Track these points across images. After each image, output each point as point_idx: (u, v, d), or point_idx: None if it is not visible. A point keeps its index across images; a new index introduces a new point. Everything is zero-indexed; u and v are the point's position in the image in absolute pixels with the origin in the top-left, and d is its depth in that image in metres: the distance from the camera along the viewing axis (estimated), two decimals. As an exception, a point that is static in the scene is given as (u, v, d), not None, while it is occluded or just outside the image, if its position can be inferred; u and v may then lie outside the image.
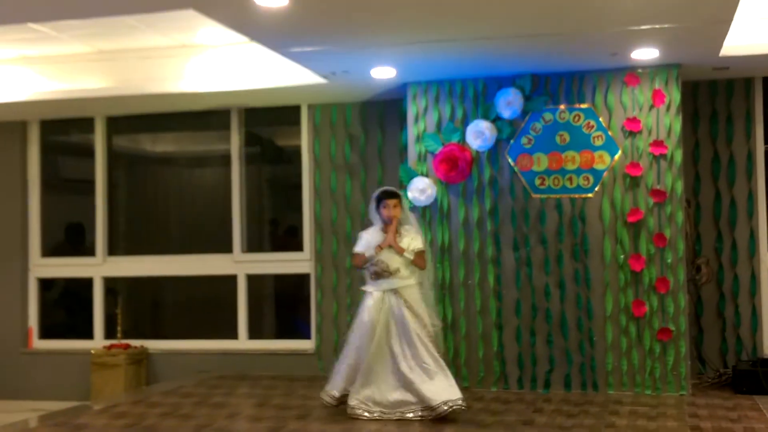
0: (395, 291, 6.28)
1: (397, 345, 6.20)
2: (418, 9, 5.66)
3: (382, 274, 6.30)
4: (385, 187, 6.72)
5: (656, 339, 7.13)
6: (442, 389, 6.10)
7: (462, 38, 6.33)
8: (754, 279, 7.64)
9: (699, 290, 7.72)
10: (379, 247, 6.28)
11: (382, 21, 5.93)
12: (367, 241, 6.42)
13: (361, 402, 6.21)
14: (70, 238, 9.48)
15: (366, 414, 6.18)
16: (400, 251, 6.29)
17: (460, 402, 6.07)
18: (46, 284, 9.40)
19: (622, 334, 7.21)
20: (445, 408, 6.04)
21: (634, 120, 7.22)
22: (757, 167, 7.71)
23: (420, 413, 6.10)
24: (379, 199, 6.44)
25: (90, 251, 9.25)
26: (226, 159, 8.93)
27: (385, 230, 6.38)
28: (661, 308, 7.14)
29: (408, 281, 6.33)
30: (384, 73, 7.30)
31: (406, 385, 6.14)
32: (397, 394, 6.16)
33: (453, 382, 6.19)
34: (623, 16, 5.90)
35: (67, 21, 6.71)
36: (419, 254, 6.36)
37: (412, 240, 6.37)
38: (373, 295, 6.33)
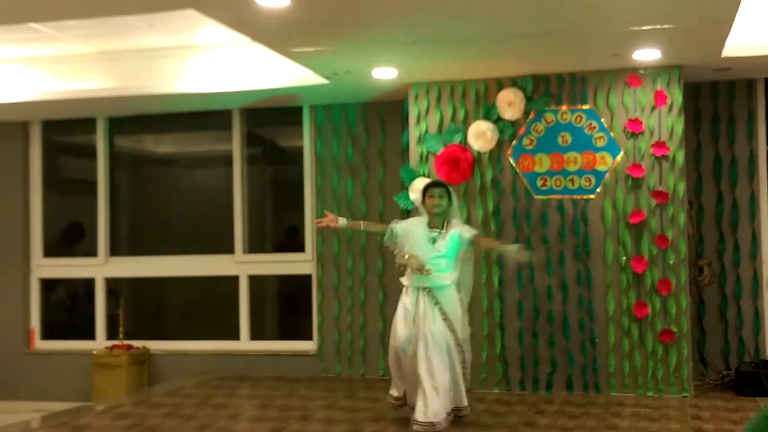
0: (429, 290, 6.02)
1: (422, 346, 5.93)
2: (419, 8, 5.65)
3: (419, 270, 5.97)
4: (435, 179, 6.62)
5: (658, 341, 7.12)
6: (421, 407, 5.85)
7: (463, 38, 6.32)
8: (757, 280, 7.62)
9: (701, 292, 7.71)
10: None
11: (383, 20, 5.92)
12: (405, 229, 6.12)
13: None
14: (68, 238, 9.48)
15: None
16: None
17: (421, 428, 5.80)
18: (48, 285, 9.41)
19: (625, 335, 7.20)
20: (416, 428, 5.83)
21: (635, 121, 7.21)
22: (759, 168, 7.69)
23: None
24: (426, 189, 6.24)
25: (87, 252, 9.25)
26: (227, 160, 8.93)
27: (430, 224, 6.11)
28: (663, 310, 7.13)
29: (444, 282, 6.03)
30: (385, 73, 7.29)
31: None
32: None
33: (434, 400, 5.83)
34: (625, 16, 5.88)
35: (68, 21, 6.72)
36: (478, 237, 6.20)
37: (461, 231, 6.11)
38: (408, 290, 6.09)
